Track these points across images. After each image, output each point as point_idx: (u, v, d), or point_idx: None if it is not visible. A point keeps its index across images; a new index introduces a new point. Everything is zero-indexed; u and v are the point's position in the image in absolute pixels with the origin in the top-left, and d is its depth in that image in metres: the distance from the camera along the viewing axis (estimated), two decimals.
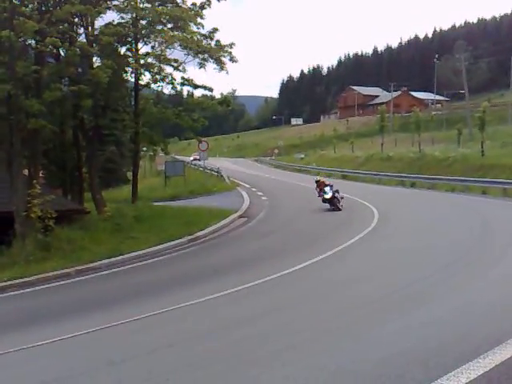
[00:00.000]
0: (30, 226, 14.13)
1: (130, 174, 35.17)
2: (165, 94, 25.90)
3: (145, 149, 28.07)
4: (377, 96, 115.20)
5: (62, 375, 6.14)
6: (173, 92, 24.10)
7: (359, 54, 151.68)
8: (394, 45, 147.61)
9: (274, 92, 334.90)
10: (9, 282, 12.06)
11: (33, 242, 13.86)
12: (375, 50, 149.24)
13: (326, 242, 13.63)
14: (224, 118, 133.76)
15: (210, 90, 23.23)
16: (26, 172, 16.30)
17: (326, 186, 20.22)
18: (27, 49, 17.02)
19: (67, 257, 13.75)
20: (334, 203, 19.77)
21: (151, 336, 7.36)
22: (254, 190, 30.91)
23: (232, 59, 21.69)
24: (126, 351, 6.76)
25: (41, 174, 15.81)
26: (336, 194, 19.91)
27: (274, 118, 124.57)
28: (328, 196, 19.86)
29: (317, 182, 21.12)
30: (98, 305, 9.76)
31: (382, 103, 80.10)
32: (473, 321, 6.62)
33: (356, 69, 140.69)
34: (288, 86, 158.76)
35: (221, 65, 21.58)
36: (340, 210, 19.46)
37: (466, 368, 4.92)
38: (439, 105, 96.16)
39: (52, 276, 12.60)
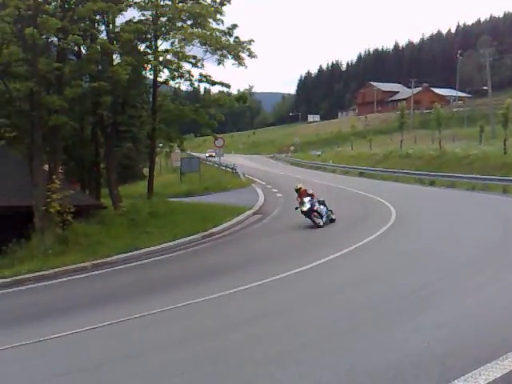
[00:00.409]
0: (49, 220, 14.43)
1: (145, 170, 35.46)
2: (182, 90, 26.16)
3: (161, 145, 28.28)
4: (397, 92, 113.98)
5: (78, 367, 6.33)
6: (190, 89, 24.30)
7: (380, 49, 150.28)
8: (416, 40, 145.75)
9: (291, 89, 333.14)
10: (27, 275, 12.36)
11: (51, 236, 14.16)
12: (396, 46, 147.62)
13: (341, 240, 13.59)
14: (240, 114, 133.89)
15: (228, 86, 23.39)
16: (46, 167, 16.59)
17: (308, 195, 16.69)
18: (50, 46, 17.29)
19: (84, 251, 14.05)
20: (311, 218, 16.30)
21: (163, 331, 7.53)
22: (268, 186, 30.91)
23: (251, 55, 21.86)
24: (140, 345, 6.93)
25: (60, 170, 16.04)
26: (317, 207, 16.34)
27: (291, 114, 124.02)
28: (304, 208, 16.30)
29: (297, 190, 17.20)
30: (113, 299, 9.97)
31: (402, 99, 78.92)
32: (490, 323, 6.52)
33: (376, 65, 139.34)
34: (306, 83, 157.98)
35: (239, 60, 21.73)
36: (320, 226, 16.02)
37: (484, 369, 4.86)
38: (461, 101, 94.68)
39: (69, 269, 12.90)
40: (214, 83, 22.93)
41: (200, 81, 22.76)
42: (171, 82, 22.79)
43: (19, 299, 11.10)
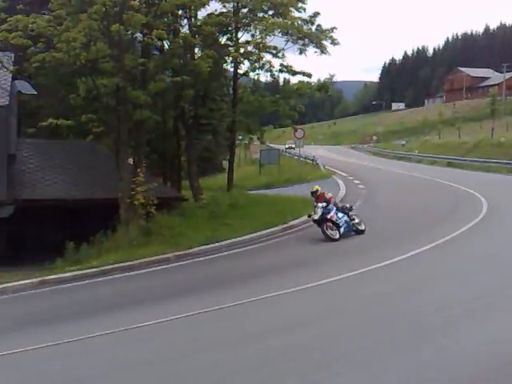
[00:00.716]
0: (134, 213, 14.85)
1: (225, 163, 35.85)
2: (261, 81, 26.10)
3: (240, 137, 28.43)
4: (487, 78, 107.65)
5: (159, 357, 6.44)
6: (270, 79, 24.17)
7: (469, 33, 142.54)
8: (509, 22, 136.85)
9: (373, 77, 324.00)
10: (113, 265, 12.80)
11: (136, 228, 14.56)
12: (487, 29, 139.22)
13: (426, 234, 13.05)
14: (320, 104, 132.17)
15: (309, 75, 22.99)
16: (130, 161, 17.10)
17: (325, 200, 14.04)
18: (134, 42, 17.75)
19: (166, 242, 14.32)
20: (322, 228, 13.69)
21: (239, 324, 7.56)
22: (350, 178, 30.32)
23: (333, 42, 21.56)
24: (211, 339, 6.98)
25: (143, 163, 16.50)
26: (332, 215, 13.66)
27: (374, 103, 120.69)
28: (316, 216, 13.74)
29: (313, 193, 14.39)
30: (191, 291, 10.15)
31: (494, 85, 74.54)
32: None
33: (465, 49, 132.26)
34: (390, 70, 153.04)
35: (321, 48, 21.41)
36: (334, 240, 13.45)
37: None
38: None
39: (153, 261, 13.22)
40: (294, 73, 22.64)
41: (280, 71, 22.60)
42: (251, 74, 22.79)
43: (105, 289, 11.53)
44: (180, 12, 19.45)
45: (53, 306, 10.32)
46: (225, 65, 21.77)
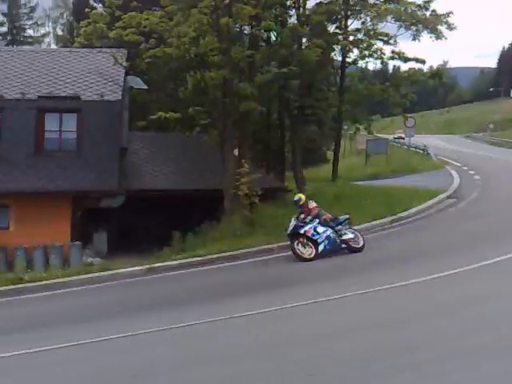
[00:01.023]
0: (238, 203, 15.02)
1: (329, 153, 35.28)
2: (369, 69, 25.43)
3: (346, 127, 27.87)
4: None
5: (252, 348, 6.44)
6: (378, 67, 23.51)
7: None
8: None
9: (490, 62, 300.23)
10: (218, 255, 13.06)
11: (239, 218, 14.72)
12: None
13: None
14: (432, 92, 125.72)
15: (423, 62, 22.17)
16: (235, 152, 17.31)
17: (302, 211, 12.12)
18: (242, 34, 17.89)
19: (270, 233, 14.27)
20: (291, 245, 11.77)
21: (319, 322, 7.31)
22: (464, 168, 28.58)
23: (450, 27, 20.81)
24: (300, 334, 6.83)
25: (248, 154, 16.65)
26: (307, 229, 11.65)
27: (491, 90, 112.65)
28: (287, 231, 11.96)
29: (296, 202, 12.50)
30: (289, 283, 10.08)
31: None
32: None
33: None
34: (509, 54, 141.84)
35: (437, 34, 20.49)
36: (305, 259, 11.49)
37: None
38: None
39: (256, 251, 13.28)
40: (407, 60, 21.85)
41: (392, 58, 22.03)
42: (360, 62, 22.29)
43: (209, 278, 11.79)
44: (288, 2, 19.38)
45: (160, 293, 10.72)
46: (332, 53, 21.40)
